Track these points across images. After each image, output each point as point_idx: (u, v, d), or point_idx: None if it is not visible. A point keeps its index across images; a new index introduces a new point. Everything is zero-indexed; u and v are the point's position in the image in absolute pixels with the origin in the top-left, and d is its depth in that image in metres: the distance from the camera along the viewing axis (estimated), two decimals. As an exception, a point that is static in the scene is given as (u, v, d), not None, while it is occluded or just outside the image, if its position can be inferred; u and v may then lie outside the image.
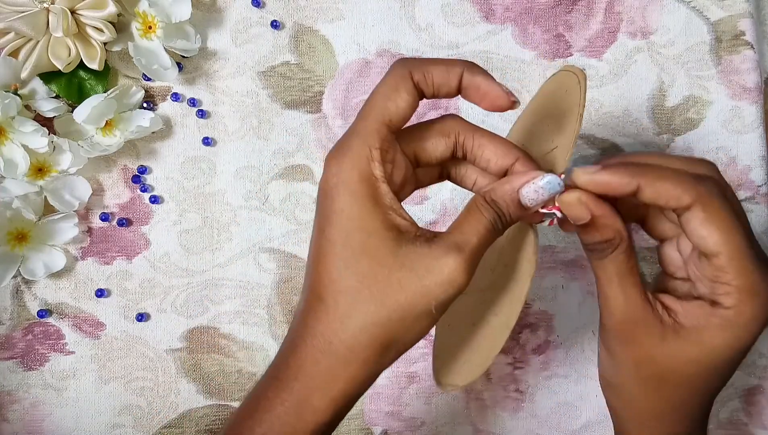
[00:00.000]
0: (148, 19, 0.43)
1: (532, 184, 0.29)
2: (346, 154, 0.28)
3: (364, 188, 0.27)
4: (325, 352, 0.28)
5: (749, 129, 0.47)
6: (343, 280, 0.27)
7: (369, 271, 0.27)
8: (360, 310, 0.27)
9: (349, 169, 0.27)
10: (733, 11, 0.46)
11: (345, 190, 0.27)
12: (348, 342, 0.27)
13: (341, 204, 0.27)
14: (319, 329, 0.28)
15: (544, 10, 0.46)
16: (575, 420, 0.47)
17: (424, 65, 0.28)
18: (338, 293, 0.27)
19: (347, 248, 0.27)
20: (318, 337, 0.28)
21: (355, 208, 0.27)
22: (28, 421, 0.44)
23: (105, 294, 0.45)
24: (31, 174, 0.42)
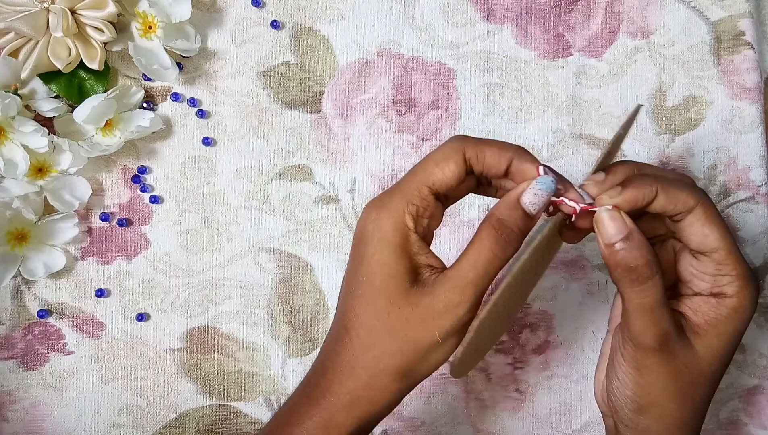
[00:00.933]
0: (148, 19, 0.43)
1: (530, 189, 0.30)
2: (386, 205, 0.31)
3: (396, 237, 0.30)
4: (350, 377, 0.31)
5: (749, 129, 0.47)
6: (364, 315, 0.31)
7: (384, 310, 0.30)
8: (377, 343, 0.31)
9: (386, 218, 0.31)
10: (733, 11, 0.46)
11: (379, 237, 0.31)
12: (369, 369, 0.31)
13: (373, 249, 0.31)
14: (344, 356, 0.31)
15: (544, 10, 0.46)
16: (575, 420, 0.47)
17: (478, 145, 0.31)
18: (360, 327, 0.31)
19: (371, 288, 0.31)
20: (343, 364, 0.31)
21: (384, 254, 0.30)
22: (28, 421, 0.44)
23: (105, 294, 0.45)
24: (31, 174, 0.42)
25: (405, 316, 0.30)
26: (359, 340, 0.31)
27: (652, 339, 0.31)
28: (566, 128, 0.46)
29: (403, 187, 0.31)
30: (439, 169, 0.31)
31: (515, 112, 0.46)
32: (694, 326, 0.31)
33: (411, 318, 0.30)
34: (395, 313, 0.30)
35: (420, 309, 0.30)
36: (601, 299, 0.47)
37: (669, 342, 0.31)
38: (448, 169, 0.31)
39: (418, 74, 0.46)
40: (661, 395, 0.32)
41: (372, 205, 0.31)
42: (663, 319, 0.30)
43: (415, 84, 0.46)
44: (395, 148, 0.46)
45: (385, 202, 0.31)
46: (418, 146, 0.46)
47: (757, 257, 0.47)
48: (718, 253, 0.30)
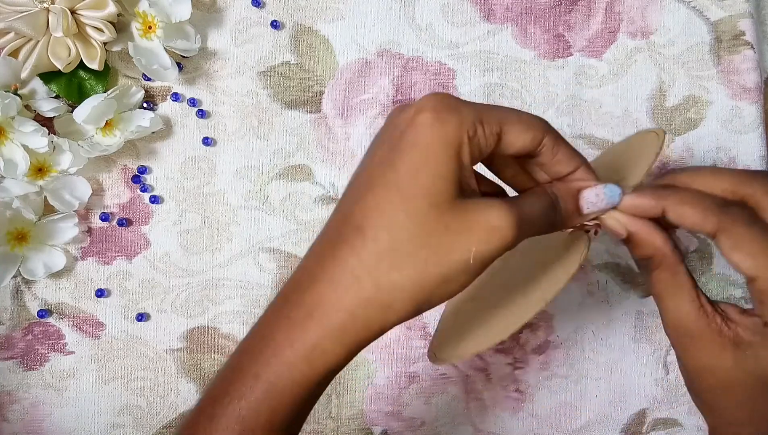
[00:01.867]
0: (148, 19, 0.43)
1: (595, 188, 0.30)
2: (455, 108, 0.26)
3: (455, 140, 0.26)
4: (350, 290, 0.26)
5: (749, 129, 0.47)
6: (393, 212, 0.26)
7: (423, 210, 0.25)
8: (401, 247, 0.25)
9: (453, 118, 0.26)
10: (733, 11, 0.46)
11: (439, 131, 0.26)
12: (379, 280, 0.26)
13: (429, 140, 0.26)
14: (350, 263, 0.26)
15: (544, 10, 0.46)
16: (575, 420, 0.47)
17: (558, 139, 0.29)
18: (383, 226, 0.26)
19: (411, 183, 0.26)
20: (347, 272, 0.26)
21: (439, 149, 0.26)
22: (28, 421, 0.44)
23: (105, 294, 0.45)
24: (31, 174, 0.42)
25: (445, 223, 0.26)
26: (376, 242, 0.26)
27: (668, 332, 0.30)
28: (566, 128, 0.46)
29: (480, 108, 0.27)
30: (520, 127, 0.28)
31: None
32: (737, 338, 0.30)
33: (452, 226, 0.26)
34: (435, 217, 0.25)
35: (466, 217, 0.26)
36: (601, 299, 0.47)
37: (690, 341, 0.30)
38: (524, 136, 0.28)
39: (418, 74, 0.46)
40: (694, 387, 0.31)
41: (437, 99, 0.27)
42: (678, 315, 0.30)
43: (415, 84, 0.46)
44: (395, 148, 0.46)
45: (454, 103, 0.27)
46: (418, 146, 0.46)
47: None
48: (756, 282, 0.28)
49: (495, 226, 0.26)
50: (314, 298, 0.26)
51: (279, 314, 0.27)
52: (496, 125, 0.27)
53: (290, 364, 0.26)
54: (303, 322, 0.26)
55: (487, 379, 0.46)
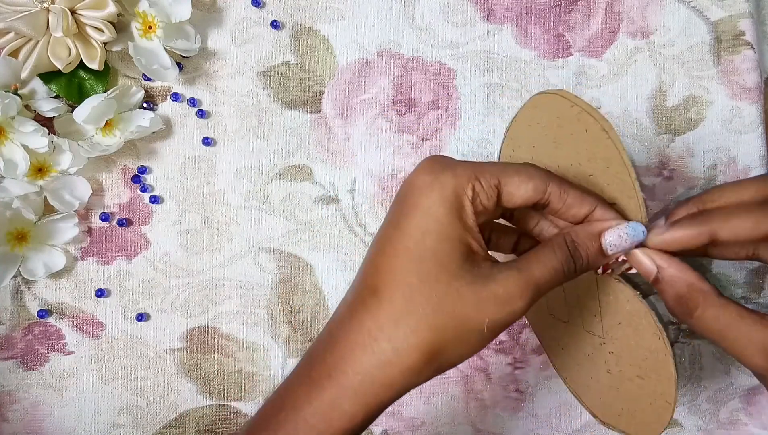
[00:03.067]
0: (148, 19, 0.43)
1: (617, 229, 0.29)
2: (451, 166, 0.28)
3: (454, 199, 0.27)
4: (368, 350, 0.26)
5: (749, 129, 0.47)
6: (404, 275, 0.26)
7: (433, 273, 0.26)
8: (416, 310, 0.26)
9: (449, 177, 0.27)
10: (733, 11, 0.46)
11: (438, 192, 0.27)
12: (396, 342, 0.26)
13: (429, 202, 0.27)
14: (366, 324, 0.27)
15: (544, 10, 0.46)
16: (575, 420, 0.47)
17: (563, 184, 0.29)
18: (396, 288, 0.26)
19: (418, 246, 0.27)
20: (363, 333, 0.27)
21: (441, 210, 0.27)
22: (28, 421, 0.44)
23: (105, 294, 0.45)
24: (31, 174, 0.42)
25: (456, 289, 0.26)
26: (392, 305, 0.26)
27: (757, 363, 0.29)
28: (566, 128, 0.46)
29: (476, 164, 0.28)
30: (519, 180, 0.28)
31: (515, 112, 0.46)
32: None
33: (464, 293, 0.26)
34: (446, 281, 0.26)
35: (477, 287, 0.26)
36: (601, 299, 0.47)
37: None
38: (524, 189, 0.28)
39: (418, 74, 0.46)
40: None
41: (434, 160, 0.28)
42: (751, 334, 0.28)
43: (415, 84, 0.46)
44: (395, 148, 0.46)
45: (448, 162, 0.28)
46: (418, 146, 0.46)
47: (757, 257, 0.47)
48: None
49: (506, 299, 0.27)
50: (334, 358, 0.27)
51: (302, 373, 0.28)
52: (494, 178, 0.28)
53: (308, 422, 0.27)
54: (322, 381, 0.27)
55: (487, 379, 0.46)
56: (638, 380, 0.33)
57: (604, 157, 0.31)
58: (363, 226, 0.46)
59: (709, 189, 0.31)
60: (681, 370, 0.47)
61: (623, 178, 0.30)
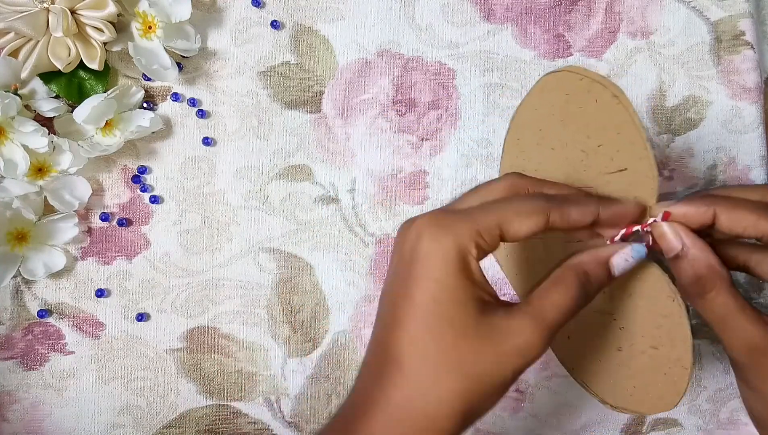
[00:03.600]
0: (148, 19, 0.43)
1: (623, 253, 0.30)
2: (450, 226, 0.28)
3: (460, 262, 0.27)
4: (402, 422, 0.27)
5: (749, 129, 0.47)
6: (425, 347, 0.27)
7: (452, 341, 0.27)
8: (441, 380, 0.27)
9: (450, 240, 0.27)
10: (733, 11, 0.46)
11: (442, 259, 0.27)
12: (429, 412, 0.27)
13: (436, 272, 0.27)
14: (396, 397, 0.27)
15: (544, 10, 0.46)
16: (575, 420, 0.47)
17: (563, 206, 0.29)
18: (419, 360, 0.27)
19: (434, 316, 0.27)
20: (394, 406, 0.27)
21: (450, 279, 0.27)
22: (28, 421, 0.44)
23: (105, 294, 0.45)
24: (31, 174, 0.42)
25: (475, 349, 0.27)
26: (417, 377, 0.27)
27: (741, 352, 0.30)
28: (566, 128, 0.46)
29: (475, 216, 0.28)
30: (519, 221, 0.28)
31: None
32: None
33: (483, 352, 0.27)
34: (465, 345, 0.27)
35: (494, 343, 0.27)
36: (601, 299, 0.47)
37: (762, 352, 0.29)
38: (526, 226, 0.28)
39: (418, 74, 0.46)
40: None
41: (429, 222, 0.28)
42: (749, 337, 0.29)
43: (415, 84, 0.46)
44: (395, 148, 0.46)
45: (448, 222, 0.28)
46: (418, 146, 0.46)
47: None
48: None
49: (525, 349, 0.27)
50: (369, 429, 0.27)
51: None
52: (495, 229, 0.28)
53: None
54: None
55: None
56: (651, 351, 0.33)
57: (615, 124, 0.31)
58: (363, 226, 0.46)
59: (730, 186, 0.32)
60: None
61: (634, 141, 0.30)
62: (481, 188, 0.31)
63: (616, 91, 0.30)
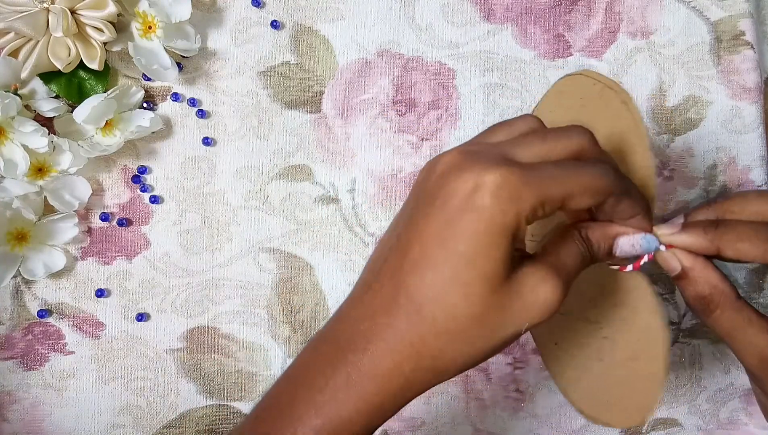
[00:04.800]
0: (148, 19, 0.43)
1: (633, 237, 0.30)
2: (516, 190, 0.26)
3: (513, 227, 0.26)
4: (410, 360, 0.27)
5: (749, 129, 0.47)
6: (451, 297, 0.26)
7: (479, 295, 0.26)
8: (459, 334, 0.27)
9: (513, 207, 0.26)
10: (733, 11, 0.46)
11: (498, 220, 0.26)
12: (435, 355, 0.27)
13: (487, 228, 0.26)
14: (408, 336, 0.27)
15: (544, 10, 0.46)
16: (575, 420, 0.47)
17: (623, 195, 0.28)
18: (441, 309, 0.27)
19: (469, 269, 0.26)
20: (405, 343, 0.27)
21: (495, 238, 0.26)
22: (28, 421, 0.44)
23: (105, 294, 0.45)
24: (31, 174, 0.42)
25: (501, 304, 0.27)
26: (434, 322, 0.27)
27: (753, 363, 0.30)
28: (566, 128, 0.46)
29: (545, 184, 0.26)
30: (584, 196, 0.27)
31: (515, 112, 0.46)
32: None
33: (506, 306, 0.27)
34: (490, 299, 0.26)
35: (518, 298, 0.27)
36: (601, 299, 0.47)
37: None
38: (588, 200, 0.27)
39: (418, 74, 0.46)
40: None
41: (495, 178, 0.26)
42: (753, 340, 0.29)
43: (415, 84, 0.46)
44: (395, 148, 0.46)
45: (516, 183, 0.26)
46: (418, 146, 0.46)
47: (757, 257, 0.47)
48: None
49: (547, 302, 0.27)
50: (374, 361, 0.27)
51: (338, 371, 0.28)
52: (559, 202, 0.27)
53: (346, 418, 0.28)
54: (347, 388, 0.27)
55: (487, 379, 0.46)
56: (630, 364, 0.33)
57: (622, 130, 0.31)
58: (363, 226, 0.46)
59: (732, 196, 0.32)
60: (681, 370, 0.47)
61: (638, 150, 0.30)
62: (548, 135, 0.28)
63: (625, 97, 0.30)
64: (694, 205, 0.33)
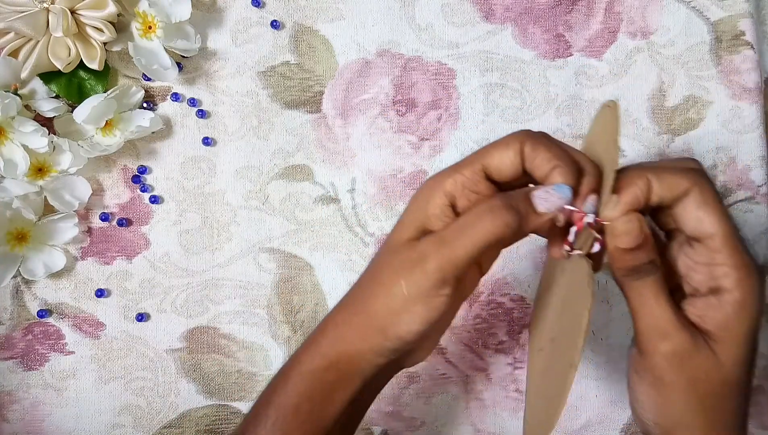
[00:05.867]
0: (148, 19, 0.43)
1: (544, 187, 0.30)
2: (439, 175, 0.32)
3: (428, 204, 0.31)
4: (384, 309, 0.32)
5: (749, 129, 0.47)
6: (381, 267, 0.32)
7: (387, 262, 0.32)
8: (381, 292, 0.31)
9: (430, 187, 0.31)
10: (733, 11, 0.46)
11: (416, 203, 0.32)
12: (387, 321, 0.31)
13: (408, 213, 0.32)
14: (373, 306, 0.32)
15: (544, 10, 0.46)
16: (575, 420, 0.47)
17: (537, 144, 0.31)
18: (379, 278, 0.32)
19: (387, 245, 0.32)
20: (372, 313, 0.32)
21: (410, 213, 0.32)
22: (28, 421, 0.44)
23: (105, 294, 0.45)
24: (31, 174, 0.42)
25: (396, 266, 0.31)
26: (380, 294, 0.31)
27: (663, 339, 0.29)
28: (566, 128, 0.46)
29: (460, 162, 0.32)
30: (498, 153, 0.31)
31: (515, 112, 0.46)
32: (706, 334, 0.29)
33: (399, 267, 0.31)
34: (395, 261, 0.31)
35: (403, 257, 0.31)
36: (600, 299, 0.47)
37: (687, 348, 0.29)
38: (505, 156, 0.30)
39: (418, 74, 0.46)
40: (685, 414, 0.30)
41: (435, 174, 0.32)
42: (670, 315, 0.29)
43: (415, 84, 0.46)
44: (395, 148, 0.46)
45: (441, 172, 0.32)
46: (418, 146, 0.46)
47: (757, 257, 0.47)
48: (712, 240, 0.29)
49: (422, 257, 0.30)
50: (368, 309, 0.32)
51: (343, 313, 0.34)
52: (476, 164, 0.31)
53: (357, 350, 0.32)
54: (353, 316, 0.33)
55: (487, 379, 0.46)
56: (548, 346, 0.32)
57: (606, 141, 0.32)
58: (363, 226, 0.46)
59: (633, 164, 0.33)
60: None
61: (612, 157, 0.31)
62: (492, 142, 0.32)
63: (609, 102, 0.32)
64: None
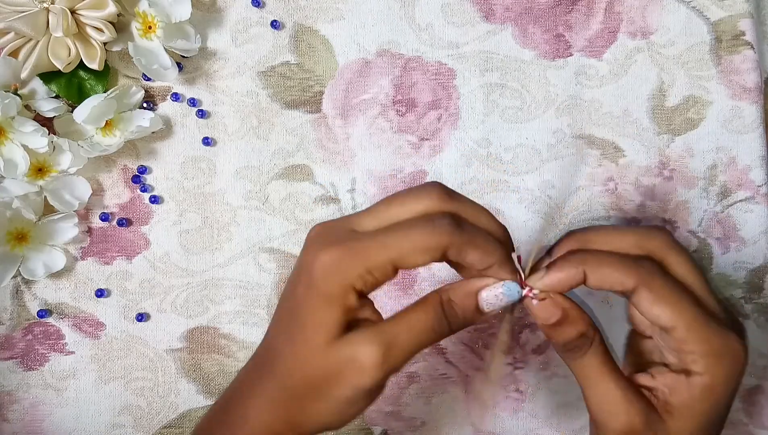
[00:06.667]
0: (148, 19, 0.43)
1: (492, 289, 0.30)
2: (342, 261, 0.28)
3: (341, 297, 0.28)
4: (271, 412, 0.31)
5: (749, 129, 0.47)
6: (290, 358, 0.30)
7: (307, 357, 0.29)
8: (305, 394, 0.30)
9: (336, 274, 0.28)
10: (733, 11, 0.46)
11: (324, 289, 0.28)
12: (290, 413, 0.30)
13: (313, 297, 0.29)
14: (268, 390, 0.31)
15: (544, 10, 0.46)
16: (575, 420, 0.47)
17: (464, 246, 0.28)
18: (287, 369, 0.30)
19: (299, 330, 0.29)
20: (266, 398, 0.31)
21: (322, 309, 0.29)
22: (28, 421, 0.44)
23: (105, 294, 0.45)
24: (31, 174, 0.42)
25: (327, 365, 0.28)
26: (285, 382, 0.30)
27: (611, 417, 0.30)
28: (566, 128, 0.46)
29: (370, 254, 0.28)
30: (415, 256, 0.28)
31: (515, 112, 0.46)
32: (666, 405, 0.30)
33: (333, 367, 0.28)
34: (319, 361, 0.29)
35: (341, 358, 0.28)
36: (600, 299, 0.47)
37: (638, 423, 0.29)
38: (422, 259, 0.28)
39: (418, 74, 0.46)
40: None
41: (328, 248, 0.28)
42: (616, 393, 0.30)
43: (415, 84, 0.46)
44: (395, 148, 0.46)
45: (342, 255, 0.28)
46: (418, 146, 0.46)
47: (757, 257, 0.47)
48: (675, 331, 0.29)
49: (363, 364, 0.28)
50: (246, 411, 0.31)
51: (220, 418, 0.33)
52: (388, 265, 0.28)
53: None
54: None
55: (487, 379, 0.46)
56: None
57: None
58: (363, 226, 0.46)
59: (593, 227, 0.32)
60: None
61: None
62: (395, 200, 0.30)
63: None
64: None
